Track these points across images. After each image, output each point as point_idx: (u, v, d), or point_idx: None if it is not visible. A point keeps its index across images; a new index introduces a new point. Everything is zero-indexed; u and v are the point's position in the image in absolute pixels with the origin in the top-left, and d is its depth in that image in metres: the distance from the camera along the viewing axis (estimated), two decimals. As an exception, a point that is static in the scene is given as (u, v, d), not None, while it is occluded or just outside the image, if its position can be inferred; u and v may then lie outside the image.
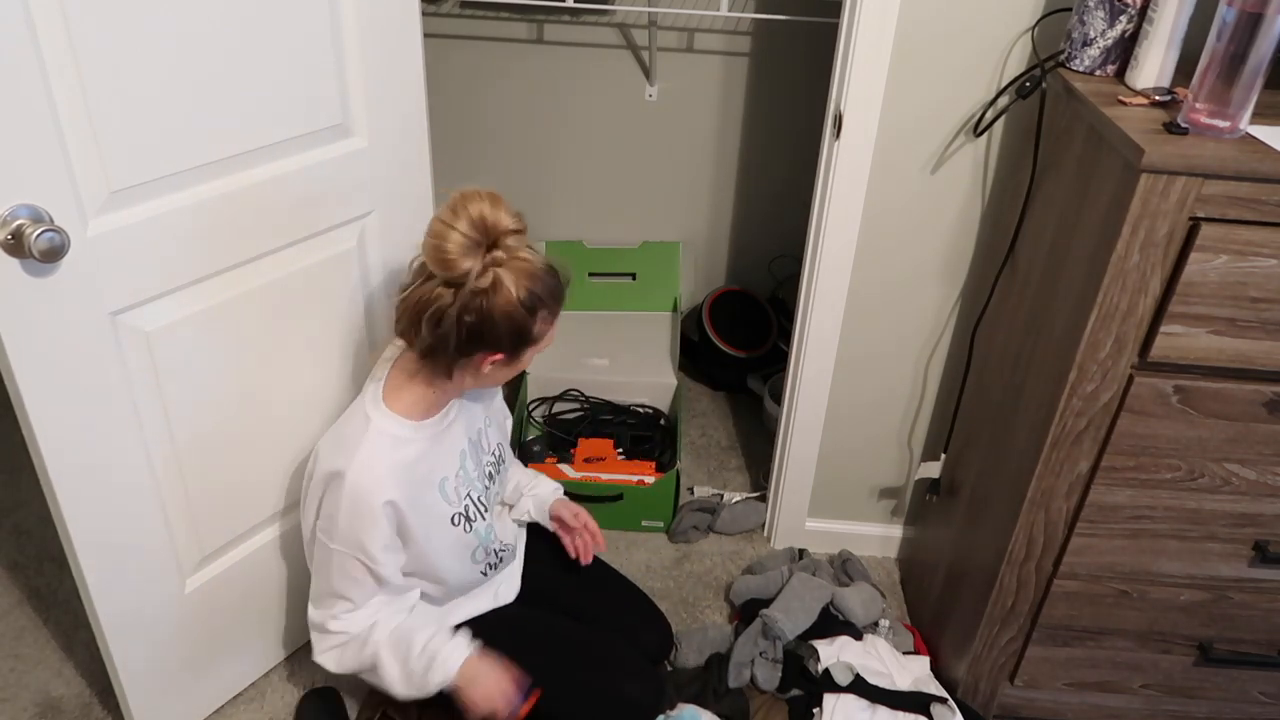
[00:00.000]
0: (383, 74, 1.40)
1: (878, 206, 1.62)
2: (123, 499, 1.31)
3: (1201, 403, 1.22)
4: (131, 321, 1.23)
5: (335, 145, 1.39)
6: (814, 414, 1.85)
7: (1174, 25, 1.21)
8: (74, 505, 1.25)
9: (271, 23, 1.23)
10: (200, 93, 1.18)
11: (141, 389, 1.28)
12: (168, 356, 1.29)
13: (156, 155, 1.17)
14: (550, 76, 2.35)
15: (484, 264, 1.20)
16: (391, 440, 1.28)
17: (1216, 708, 1.54)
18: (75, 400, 1.20)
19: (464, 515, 1.38)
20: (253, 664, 1.67)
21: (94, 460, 1.25)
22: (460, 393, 1.36)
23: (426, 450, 1.31)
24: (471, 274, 1.19)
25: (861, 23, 1.46)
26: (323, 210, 1.41)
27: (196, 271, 1.28)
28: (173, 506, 1.39)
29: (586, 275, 2.53)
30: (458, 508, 1.37)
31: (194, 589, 1.48)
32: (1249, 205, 1.08)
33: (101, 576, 1.33)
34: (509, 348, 1.26)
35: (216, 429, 1.40)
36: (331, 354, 1.53)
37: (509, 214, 1.22)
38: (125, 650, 1.42)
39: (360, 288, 1.52)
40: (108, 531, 1.31)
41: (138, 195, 1.18)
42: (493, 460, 1.46)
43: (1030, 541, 1.38)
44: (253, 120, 1.26)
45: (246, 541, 1.54)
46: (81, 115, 1.08)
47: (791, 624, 1.67)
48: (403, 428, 1.29)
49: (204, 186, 1.25)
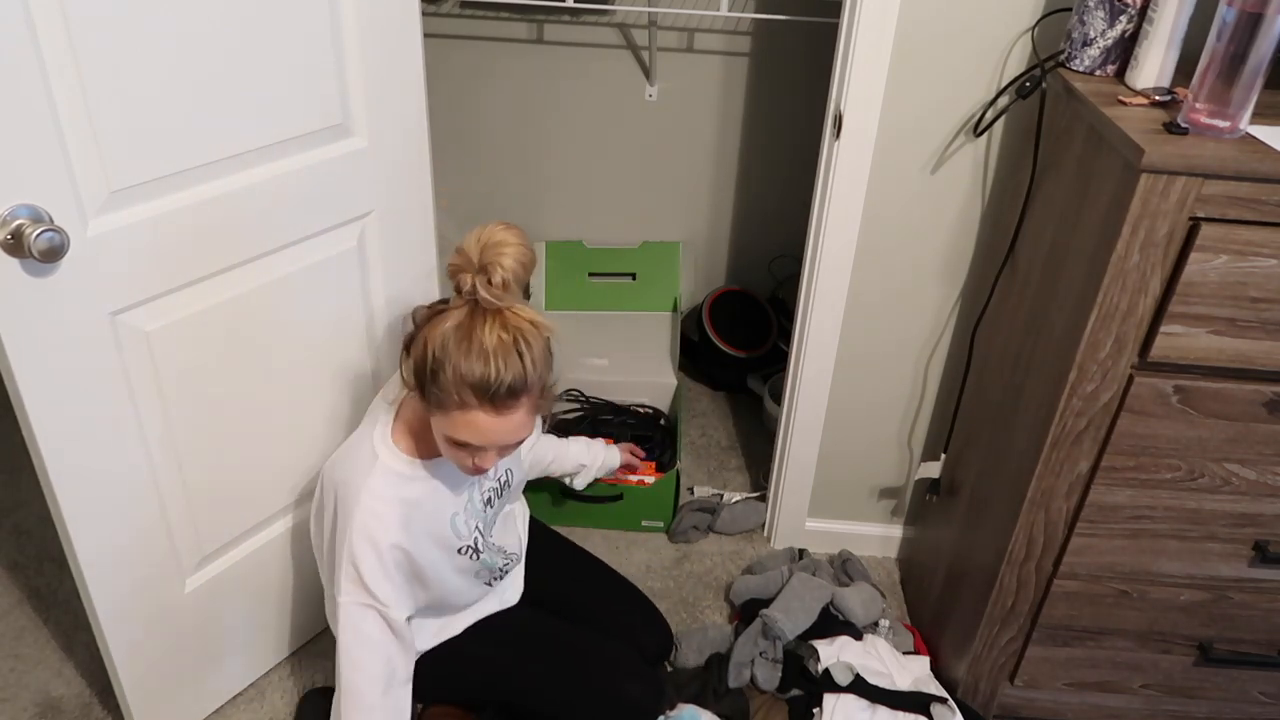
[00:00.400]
0: (383, 74, 1.40)
1: (878, 206, 1.62)
2: (123, 499, 1.31)
3: (1201, 403, 1.22)
4: (131, 321, 1.23)
5: (335, 145, 1.39)
6: (814, 414, 1.85)
7: (1174, 25, 1.21)
8: (74, 505, 1.25)
9: (271, 23, 1.23)
10: (200, 93, 1.18)
11: (141, 389, 1.27)
12: (168, 356, 1.29)
13: (157, 155, 1.17)
14: (550, 76, 2.35)
15: (468, 281, 1.13)
16: (397, 478, 1.26)
17: (1216, 708, 1.54)
18: (75, 400, 1.20)
19: (472, 547, 1.37)
20: (253, 663, 1.67)
21: (94, 460, 1.25)
22: (407, 439, 1.29)
23: (435, 488, 1.29)
24: (466, 285, 1.14)
25: (861, 23, 1.46)
26: (323, 210, 1.41)
27: (197, 271, 1.28)
28: (173, 506, 1.39)
29: (586, 275, 2.53)
30: (467, 540, 1.36)
31: (194, 589, 1.48)
32: (1249, 205, 1.08)
33: (101, 576, 1.33)
34: (420, 387, 1.18)
35: (217, 429, 1.40)
36: (332, 354, 1.53)
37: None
38: (125, 650, 1.42)
39: (360, 287, 1.52)
40: (108, 531, 1.31)
41: (138, 195, 1.18)
42: (495, 487, 1.43)
43: (1030, 541, 1.38)
44: (253, 120, 1.26)
45: (247, 541, 1.54)
46: (81, 115, 1.08)
47: (791, 624, 1.67)
48: (410, 466, 1.27)
49: (204, 186, 1.25)
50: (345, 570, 1.23)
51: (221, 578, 1.52)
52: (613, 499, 1.99)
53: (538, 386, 1.18)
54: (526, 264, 1.15)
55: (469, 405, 1.14)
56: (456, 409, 1.15)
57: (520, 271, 1.14)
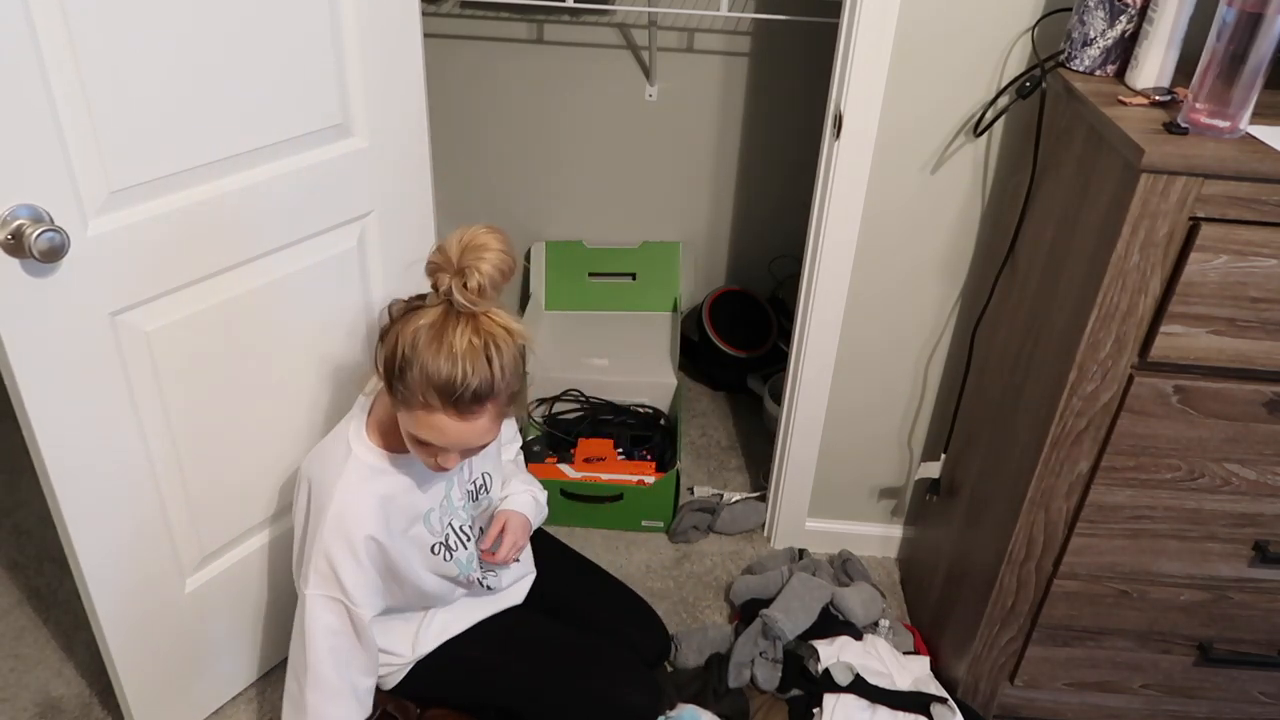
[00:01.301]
0: (383, 74, 1.40)
1: (878, 206, 1.62)
2: (123, 499, 1.31)
3: (1201, 403, 1.22)
4: (131, 321, 1.23)
5: (335, 145, 1.39)
6: (814, 414, 1.85)
7: (1174, 25, 1.21)
8: (74, 505, 1.25)
9: (271, 24, 1.23)
10: (200, 93, 1.18)
11: (141, 389, 1.28)
12: (168, 356, 1.29)
13: (157, 155, 1.17)
14: (550, 76, 2.36)
15: (445, 280, 1.12)
16: (370, 471, 1.26)
17: (1216, 708, 1.54)
18: (75, 400, 1.20)
19: (444, 544, 1.36)
20: (252, 663, 1.67)
21: (94, 460, 1.25)
22: (377, 434, 1.29)
23: (408, 484, 1.29)
24: (444, 285, 1.12)
25: (861, 23, 1.46)
26: (323, 210, 1.41)
27: (197, 271, 1.28)
28: (173, 506, 1.39)
29: (586, 275, 2.53)
30: (439, 537, 1.35)
31: (194, 589, 1.48)
32: (1249, 205, 1.08)
33: (101, 576, 1.33)
34: (389, 380, 1.16)
35: (217, 429, 1.40)
36: (332, 353, 1.53)
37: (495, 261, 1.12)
38: (125, 650, 1.42)
39: (360, 287, 1.52)
40: (108, 531, 1.31)
41: (138, 195, 1.18)
42: (472, 488, 1.42)
43: (1030, 541, 1.38)
44: (253, 120, 1.26)
45: (246, 541, 1.54)
46: (82, 115, 1.08)
47: (792, 624, 1.67)
48: (382, 460, 1.27)
49: (205, 186, 1.25)
50: (316, 563, 1.23)
51: (222, 577, 1.52)
52: (613, 499, 1.99)
53: (505, 393, 1.17)
54: (505, 270, 1.14)
55: (433, 406, 1.13)
56: (421, 408, 1.14)
57: (498, 277, 1.13)
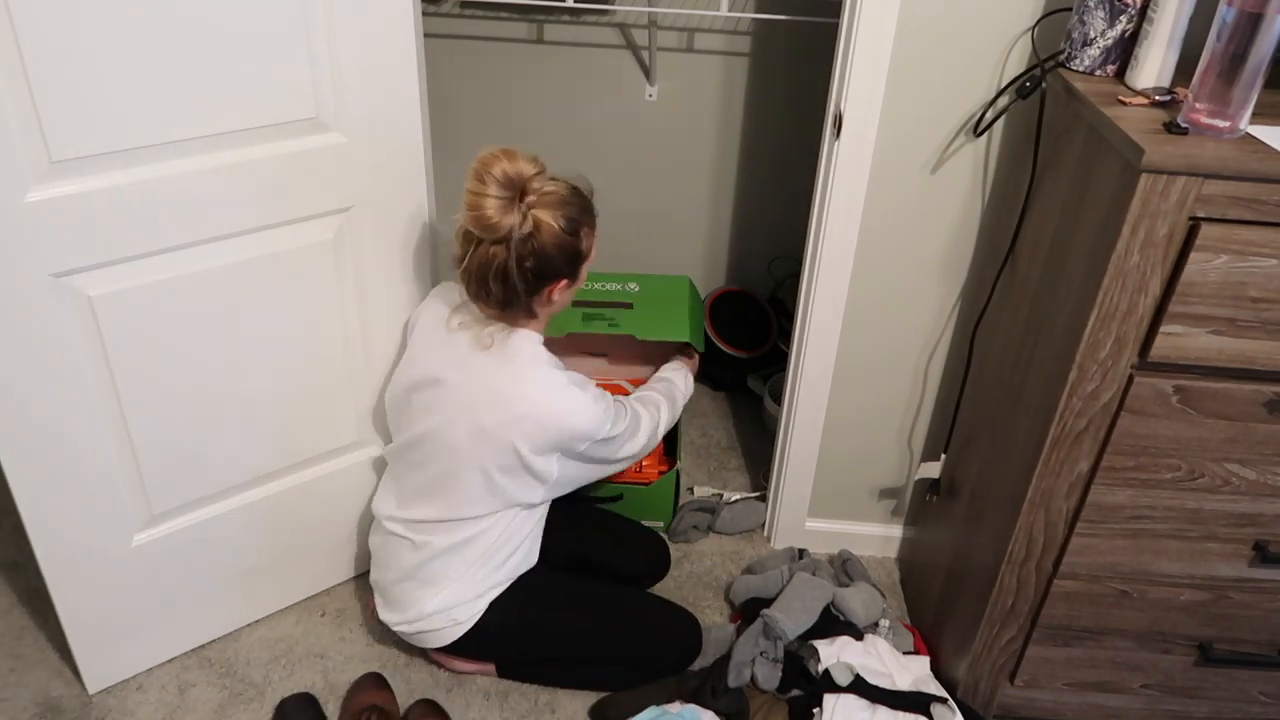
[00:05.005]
0: (365, 72, 1.41)
1: (878, 206, 1.62)
2: (62, 452, 1.38)
3: (1201, 403, 1.22)
4: (75, 284, 1.28)
5: (308, 139, 1.40)
6: (814, 414, 1.85)
7: (1174, 25, 1.21)
8: (9, 447, 1.33)
9: (235, 17, 1.25)
10: (156, 74, 1.22)
11: (85, 351, 1.33)
12: (116, 323, 1.34)
13: (100, 131, 1.22)
14: (550, 76, 2.35)
15: (522, 213, 1.34)
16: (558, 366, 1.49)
17: (1216, 708, 1.55)
18: (14, 353, 1.27)
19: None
20: (207, 622, 1.72)
21: (32, 412, 1.32)
22: (544, 328, 1.51)
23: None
24: (515, 226, 1.33)
25: (861, 23, 1.46)
26: (295, 201, 1.43)
27: (148, 245, 1.32)
28: (118, 465, 1.44)
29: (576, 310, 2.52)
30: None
31: (141, 543, 1.53)
32: (1249, 205, 1.08)
33: (44, 520, 1.41)
34: (568, 271, 1.43)
35: (169, 398, 1.45)
36: (299, 343, 1.55)
37: (527, 161, 1.35)
38: (66, 593, 1.50)
39: (336, 281, 1.54)
40: (49, 479, 1.39)
41: (83, 167, 1.23)
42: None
43: (1030, 541, 1.38)
44: (215, 106, 1.29)
45: (204, 508, 1.60)
46: (21, 86, 1.13)
47: (792, 624, 1.67)
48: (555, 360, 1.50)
49: (162, 165, 1.29)
50: (586, 415, 1.46)
51: (175, 538, 1.58)
52: (613, 499, 1.99)
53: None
54: (517, 155, 1.37)
55: (593, 231, 1.47)
56: (590, 246, 1.47)
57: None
